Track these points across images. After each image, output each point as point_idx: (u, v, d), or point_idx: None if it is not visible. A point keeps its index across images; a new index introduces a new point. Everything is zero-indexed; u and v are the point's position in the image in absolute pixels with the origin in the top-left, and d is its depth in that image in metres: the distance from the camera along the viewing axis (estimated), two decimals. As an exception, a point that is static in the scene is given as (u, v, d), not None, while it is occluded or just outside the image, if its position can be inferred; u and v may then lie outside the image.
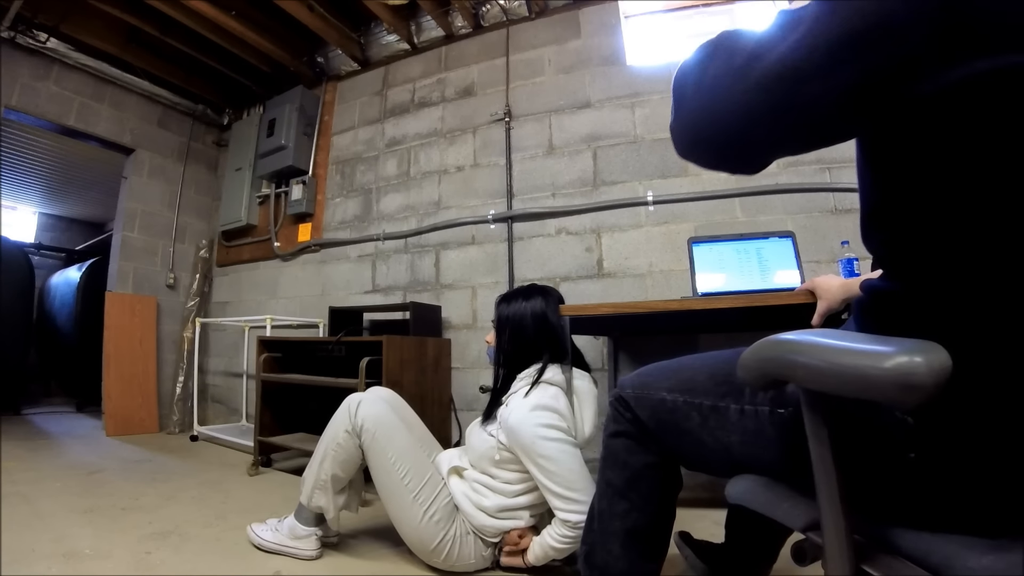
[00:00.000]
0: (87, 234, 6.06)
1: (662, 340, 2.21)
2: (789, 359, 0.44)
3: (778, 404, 0.63)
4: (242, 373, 3.34)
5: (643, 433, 0.83)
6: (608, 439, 0.89)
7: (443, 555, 1.24)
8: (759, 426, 0.65)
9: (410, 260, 2.88)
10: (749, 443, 0.67)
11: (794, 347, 0.44)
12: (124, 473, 2.20)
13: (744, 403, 0.67)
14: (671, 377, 0.80)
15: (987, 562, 0.41)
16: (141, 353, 3.28)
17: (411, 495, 1.26)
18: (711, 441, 0.72)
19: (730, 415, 0.68)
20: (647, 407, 0.81)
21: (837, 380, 0.40)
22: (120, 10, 2.79)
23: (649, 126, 2.45)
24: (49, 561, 1.28)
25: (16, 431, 3.10)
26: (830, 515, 0.46)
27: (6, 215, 5.40)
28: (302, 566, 1.32)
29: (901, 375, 0.35)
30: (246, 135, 3.56)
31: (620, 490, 0.85)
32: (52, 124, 3.12)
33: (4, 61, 2.82)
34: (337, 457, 1.32)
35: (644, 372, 0.86)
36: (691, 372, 0.77)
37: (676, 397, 0.76)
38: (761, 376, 0.48)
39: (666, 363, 0.85)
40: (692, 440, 0.76)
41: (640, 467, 0.84)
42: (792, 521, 0.55)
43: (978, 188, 0.43)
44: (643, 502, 0.84)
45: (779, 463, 0.63)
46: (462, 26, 2.96)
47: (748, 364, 0.50)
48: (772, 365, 0.46)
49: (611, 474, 0.87)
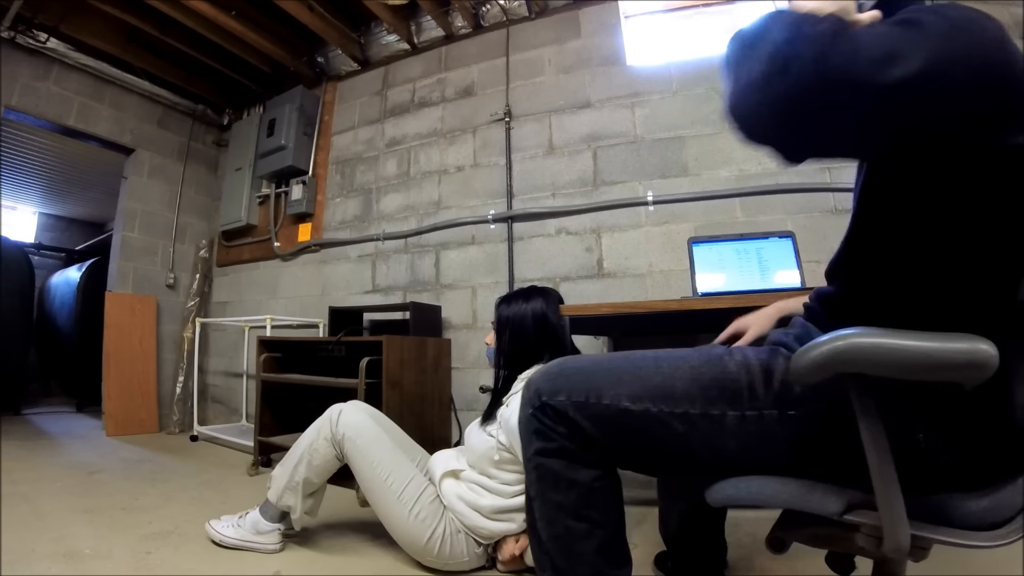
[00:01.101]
0: (87, 234, 6.06)
1: (662, 340, 2.20)
2: (873, 352, 0.50)
3: (788, 407, 0.64)
4: (242, 373, 3.34)
5: (584, 446, 0.75)
6: (537, 458, 0.77)
7: (435, 552, 1.26)
8: (765, 429, 0.65)
9: (410, 260, 2.88)
10: (753, 446, 0.66)
11: (877, 342, 0.50)
12: (124, 473, 2.20)
13: (744, 409, 0.66)
14: (627, 383, 0.72)
15: (985, 503, 0.54)
16: (141, 353, 3.28)
17: (395, 496, 1.29)
18: (700, 448, 0.69)
19: (727, 421, 0.66)
20: (594, 417, 0.73)
21: (921, 367, 0.48)
22: (120, 10, 2.79)
23: (649, 126, 2.45)
24: (49, 561, 1.28)
25: (16, 431, 3.10)
26: (887, 490, 0.52)
27: (6, 215, 5.41)
28: (302, 566, 1.33)
29: (976, 360, 0.46)
30: (246, 135, 3.56)
31: (573, 511, 0.76)
32: (52, 124, 3.12)
33: (4, 61, 2.82)
34: (312, 462, 1.37)
35: (570, 374, 0.77)
36: (661, 378, 0.71)
37: (647, 407, 0.70)
38: (831, 371, 0.52)
39: (597, 365, 0.77)
40: (668, 449, 0.71)
41: (589, 482, 0.75)
42: (828, 508, 0.59)
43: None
44: (601, 516, 0.76)
45: (791, 461, 0.64)
46: (462, 26, 2.96)
47: (816, 360, 0.52)
48: (856, 358, 0.51)
49: (556, 496, 0.76)
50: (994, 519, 0.54)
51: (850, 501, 0.57)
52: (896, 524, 0.52)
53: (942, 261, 0.57)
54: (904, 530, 0.52)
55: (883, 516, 0.53)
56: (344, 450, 1.35)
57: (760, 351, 0.72)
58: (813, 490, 0.61)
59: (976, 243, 0.55)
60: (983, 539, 0.53)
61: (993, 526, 0.54)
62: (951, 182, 0.54)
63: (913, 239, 0.58)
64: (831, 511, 0.58)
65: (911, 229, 0.58)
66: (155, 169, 3.57)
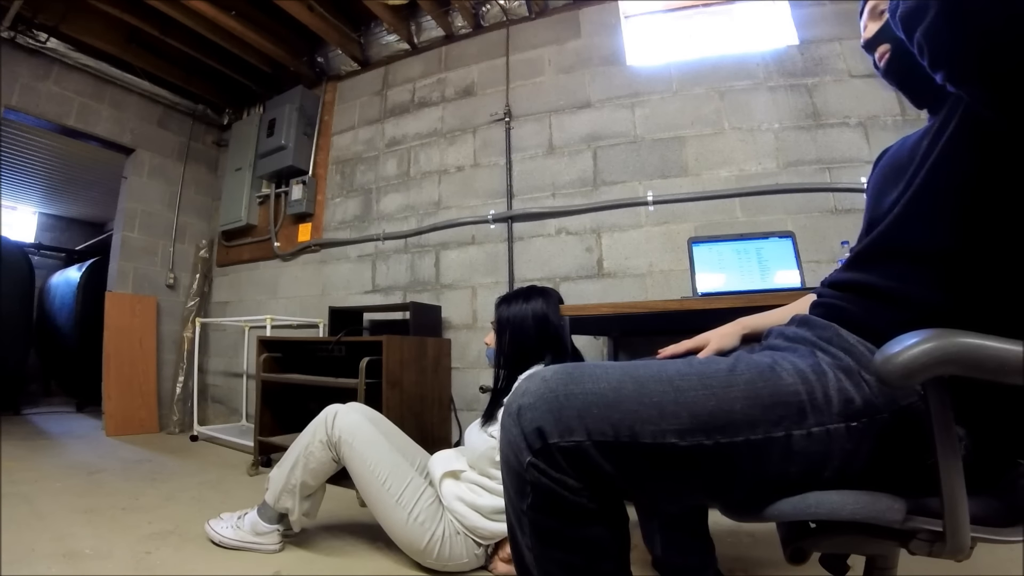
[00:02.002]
0: (87, 234, 6.06)
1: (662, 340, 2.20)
2: (977, 355, 0.48)
3: (851, 419, 0.58)
4: (242, 373, 3.34)
5: (596, 492, 0.58)
6: (531, 513, 0.60)
7: (434, 554, 1.25)
8: (832, 446, 0.58)
9: (410, 260, 2.88)
10: (817, 463, 0.58)
11: (984, 345, 0.49)
12: (124, 473, 2.20)
13: (810, 426, 0.57)
14: (675, 413, 0.57)
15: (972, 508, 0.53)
16: (141, 353, 3.28)
17: (393, 499, 1.28)
18: (753, 474, 0.58)
19: (794, 443, 0.57)
20: (623, 458, 0.57)
21: (1015, 370, 0.47)
22: (120, 10, 2.79)
23: (649, 126, 2.45)
24: (49, 561, 1.28)
25: (16, 431, 3.10)
26: (955, 494, 0.53)
27: (6, 215, 5.41)
28: (301, 566, 1.33)
29: None
30: (246, 135, 3.56)
31: (583, 569, 0.62)
32: (52, 124, 3.12)
33: (4, 61, 2.82)
34: (308, 465, 1.36)
35: (582, 404, 0.58)
36: (716, 402, 0.58)
37: (699, 440, 0.56)
38: (928, 371, 0.49)
39: (625, 388, 0.59)
40: (714, 480, 0.59)
41: (600, 537, 0.61)
42: (893, 516, 0.57)
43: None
44: (615, 567, 0.63)
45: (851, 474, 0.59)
46: (462, 26, 2.96)
47: (918, 360, 0.49)
48: (957, 358, 0.49)
49: (559, 555, 0.61)
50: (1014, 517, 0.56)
51: (909, 508, 0.57)
52: (959, 527, 0.53)
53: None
54: (966, 532, 0.53)
55: (948, 521, 0.53)
56: (340, 453, 1.34)
57: (806, 354, 0.63)
58: (878, 500, 0.58)
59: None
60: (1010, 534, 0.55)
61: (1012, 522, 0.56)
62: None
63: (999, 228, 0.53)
64: (895, 519, 0.56)
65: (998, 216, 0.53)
66: (155, 169, 3.57)
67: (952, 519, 0.53)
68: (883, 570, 0.68)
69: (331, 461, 1.36)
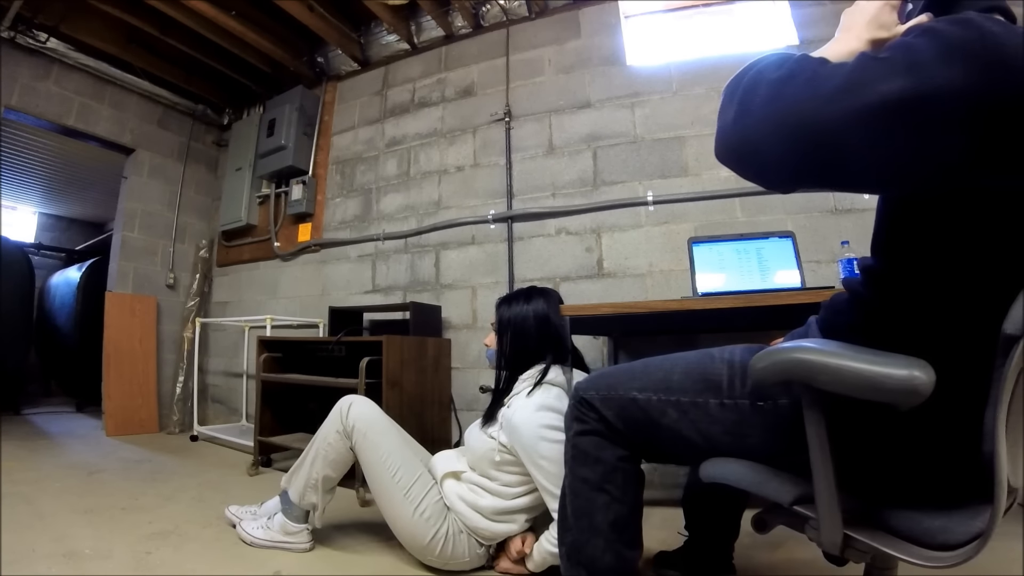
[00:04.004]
0: (87, 234, 6.05)
1: (662, 340, 2.21)
2: (812, 367, 0.54)
3: (757, 398, 0.73)
4: (242, 373, 3.34)
5: (611, 432, 0.90)
6: (576, 438, 0.93)
7: (437, 552, 1.25)
8: (741, 416, 0.75)
9: (410, 260, 2.88)
10: (732, 431, 0.76)
11: (818, 360, 0.54)
12: (124, 473, 2.20)
13: (723, 398, 0.77)
14: (638, 379, 0.87)
15: (939, 523, 0.56)
16: (141, 353, 3.28)
17: (402, 493, 1.28)
18: (690, 432, 0.80)
19: (711, 408, 0.78)
20: (614, 407, 0.89)
21: (856, 386, 0.51)
22: (120, 10, 2.78)
23: (649, 126, 2.45)
24: (49, 561, 1.28)
25: (16, 431, 3.10)
26: (825, 489, 0.56)
27: (6, 215, 5.40)
28: (302, 565, 1.33)
29: (909, 385, 0.47)
30: (246, 135, 3.56)
31: (597, 484, 0.90)
32: (52, 124, 3.12)
33: (4, 61, 2.82)
34: (328, 456, 1.36)
35: (602, 376, 0.95)
36: (663, 373, 0.85)
37: (649, 396, 0.84)
38: (778, 377, 0.58)
39: (622, 368, 0.93)
40: (666, 433, 0.83)
41: (613, 460, 0.90)
42: (781, 496, 0.64)
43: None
44: (621, 493, 0.90)
45: (761, 446, 0.73)
46: (462, 26, 2.96)
47: (767, 367, 0.58)
48: (797, 370, 0.55)
49: (584, 471, 0.91)
50: (945, 539, 0.54)
51: (802, 493, 0.61)
52: (831, 521, 0.57)
53: (935, 284, 0.57)
54: (837, 528, 0.57)
55: (820, 512, 0.57)
56: (354, 441, 1.35)
57: (747, 350, 0.80)
58: (773, 478, 0.67)
59: (963, 273, 0.55)
60: (926, 557, 0.54)
61: (944, 547, 0.54)
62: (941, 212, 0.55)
63: (911, 260, 0.60)
64: (783, 499, 0.64)
65: (911, 248, 0.59)
66: (155, 169, 3.57)
67: (823, 511, 0.57)
68: (883, 570, 0.68)
69: (348, 451, 1.37)
